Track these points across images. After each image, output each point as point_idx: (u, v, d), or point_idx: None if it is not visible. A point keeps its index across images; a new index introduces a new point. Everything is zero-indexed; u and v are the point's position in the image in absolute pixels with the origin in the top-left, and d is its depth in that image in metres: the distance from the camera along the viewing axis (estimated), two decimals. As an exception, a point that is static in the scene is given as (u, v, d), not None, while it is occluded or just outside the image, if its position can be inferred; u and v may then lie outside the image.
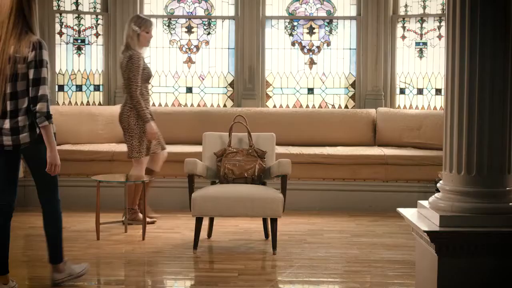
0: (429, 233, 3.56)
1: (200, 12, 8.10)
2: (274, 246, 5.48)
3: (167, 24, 8.09)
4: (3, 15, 4.25)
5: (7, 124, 4.26)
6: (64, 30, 7.91)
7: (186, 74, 8.13)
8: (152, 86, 7.92)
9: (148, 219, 6.21)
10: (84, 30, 7.97)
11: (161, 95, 8.13)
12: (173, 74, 8.12)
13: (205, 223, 5.80)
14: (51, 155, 4.27)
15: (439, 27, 7.78)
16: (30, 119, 4.25)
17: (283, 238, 5.89)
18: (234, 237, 6.04)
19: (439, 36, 7.76)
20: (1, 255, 4.49)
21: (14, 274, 5.04)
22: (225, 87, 8.12)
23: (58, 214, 4.59)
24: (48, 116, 4.21)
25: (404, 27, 8.00)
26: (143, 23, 6.37)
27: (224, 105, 8.09)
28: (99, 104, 8.05)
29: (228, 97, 8.07)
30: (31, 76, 4.21)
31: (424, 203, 3.90)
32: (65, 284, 4.61)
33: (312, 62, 8.09)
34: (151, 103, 7.93)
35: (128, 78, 6.28)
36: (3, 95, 4.24)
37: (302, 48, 8.10)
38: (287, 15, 8.11)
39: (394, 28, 8.00)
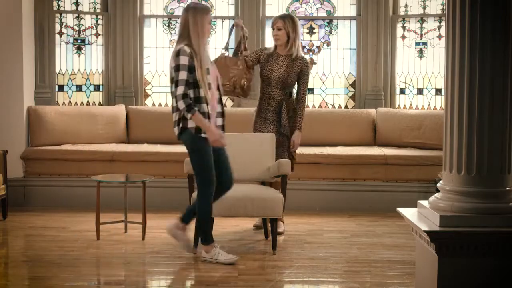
0: (429, 233, 3.56)
1: (200, 12, 8.08)
2: (274, 246, 5.47)
3: (167, 24, 8.09)
4: (180, 26, 5.13)
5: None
6: (64, 30, 7.90)
7: (186, 74, 8.12)
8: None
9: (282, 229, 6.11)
10: (84, 30, 7.96)
11: (161, 95, 8.12)
12: (173, 74, 8.11)
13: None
14: (209, 134, 5.06)
15: (439, 27, 7.78)
16: (178, 115, 5.06)
17: (283, 238, 5.89)
18: (234, 237, 6.04)
19: (439, 36, 7.76)
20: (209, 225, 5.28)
21: (14, 274, 5.05)
22: (225, 87, 8.10)
23: (197, 202, 5.22)
24: (188, 109, 4.96)
25: (404, 27, 7.99)
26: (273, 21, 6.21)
27: (224, 105, 8.05)
28: (99, 104, 8.04)
29: (228, 97, 8.05)
30: (174, 78, 5.02)
31: (424, 203, 3.90)
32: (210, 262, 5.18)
33: (312, 62, 8.08)
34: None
35: None
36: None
37: (302, 48, 8.09)
38: (287, 15, 8.09)
39: (394, 28, 8.00)
